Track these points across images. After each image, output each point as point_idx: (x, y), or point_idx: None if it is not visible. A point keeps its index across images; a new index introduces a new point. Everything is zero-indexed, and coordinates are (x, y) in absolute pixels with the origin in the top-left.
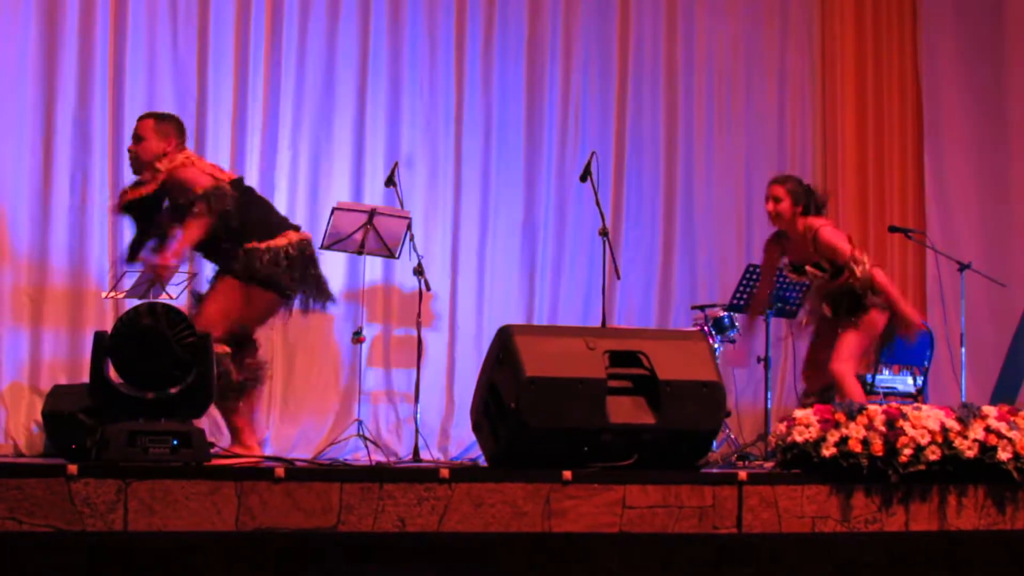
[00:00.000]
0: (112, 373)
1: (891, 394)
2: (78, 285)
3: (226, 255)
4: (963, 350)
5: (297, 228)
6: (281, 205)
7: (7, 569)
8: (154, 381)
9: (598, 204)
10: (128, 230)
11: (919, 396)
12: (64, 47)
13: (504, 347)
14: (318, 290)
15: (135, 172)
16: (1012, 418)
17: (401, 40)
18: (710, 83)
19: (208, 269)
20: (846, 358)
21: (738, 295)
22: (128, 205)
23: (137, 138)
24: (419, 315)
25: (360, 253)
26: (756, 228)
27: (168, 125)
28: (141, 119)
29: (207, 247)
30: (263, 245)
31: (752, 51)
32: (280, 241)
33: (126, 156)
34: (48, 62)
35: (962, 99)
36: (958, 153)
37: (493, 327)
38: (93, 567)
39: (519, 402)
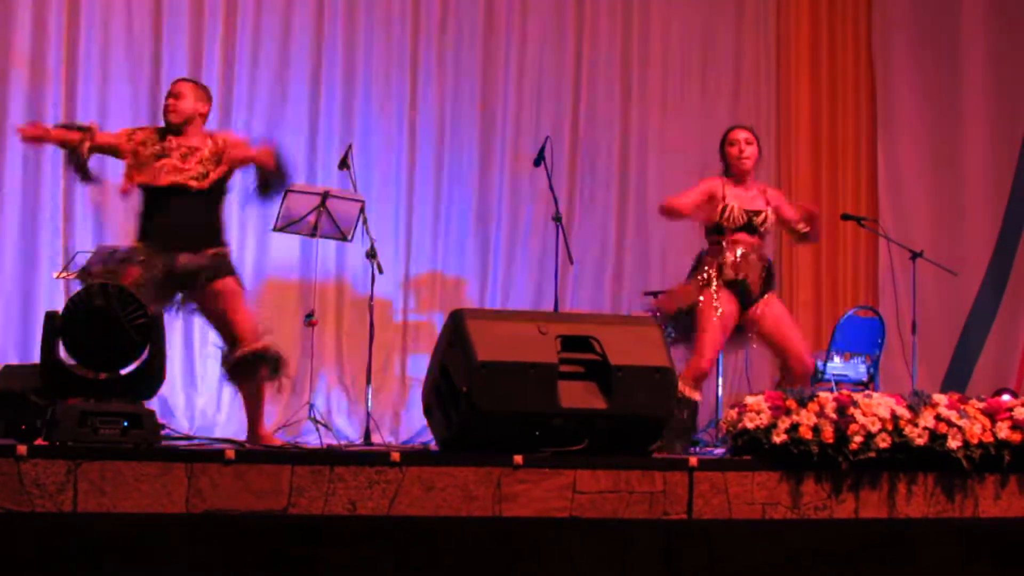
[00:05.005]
0: (63, 353)
1: (842, 381)
2: (29, 265)
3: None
4: (914, 338)
5: None
6: None
7: None
8: (105, 362)
9: (551, 189)
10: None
11: (870, 384)
12: (16, 28)
13: (456, 331)
14: None
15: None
16: (962, 406)
17: (356, 22)
18: (665, 70)
19: None
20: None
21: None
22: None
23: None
24: (371, 298)
25: (313, 236)
26: None
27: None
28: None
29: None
30: None
31: (707, 39)
32: None
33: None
34: (0, 41)
35: (916, 88)
36: (911, 142)
37: (445, 311)
38: (42, 548)
39: (471, 386)
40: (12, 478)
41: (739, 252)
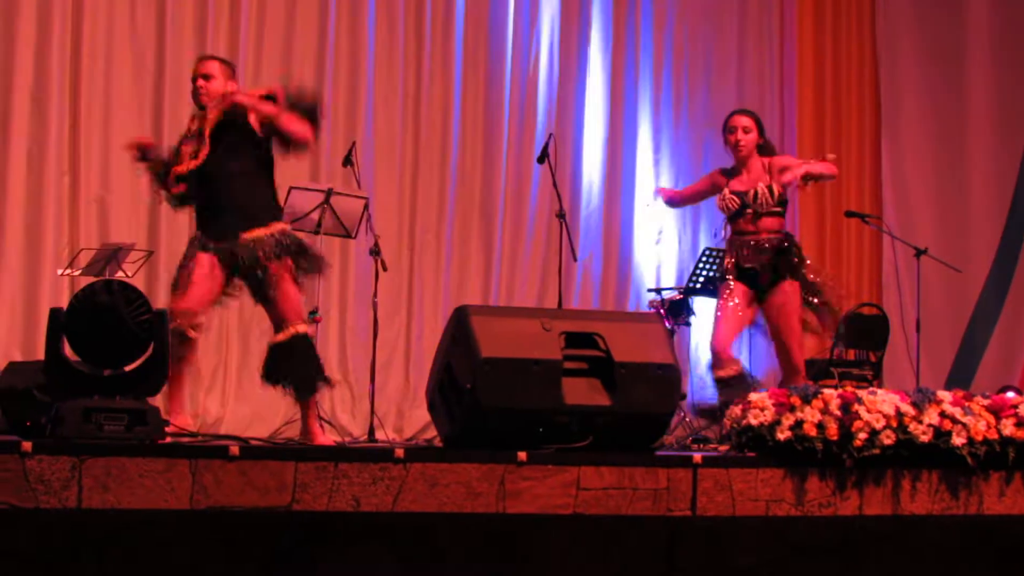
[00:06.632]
0: (67, 350)
1: (847, 378)
2: (33, 261)
3: None
4: (918, 335)
5: None
6: None
7: None
8: (109, 358)
9: (555, 186)
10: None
11: (875, 380)
12: (21, 23)
13: (460, 328)
14: None
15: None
16: (967, 403)
17: (360, 17)
18: (669, 68)
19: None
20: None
21: (694, 278)
22: None
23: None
24: (375, 295)
25: (317, 232)
26: (713, 213)
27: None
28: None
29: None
30: None
31: (711, 37)
32: None
33: (83, 132)
34: (5, 38)
35: (920, 85)
36: (915, 139)
37: (449, 307)
38: (46, 544)
39: (474, 383)
40: (17, 474)
41: (750, 243)
